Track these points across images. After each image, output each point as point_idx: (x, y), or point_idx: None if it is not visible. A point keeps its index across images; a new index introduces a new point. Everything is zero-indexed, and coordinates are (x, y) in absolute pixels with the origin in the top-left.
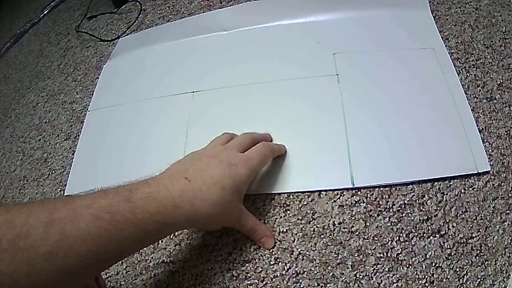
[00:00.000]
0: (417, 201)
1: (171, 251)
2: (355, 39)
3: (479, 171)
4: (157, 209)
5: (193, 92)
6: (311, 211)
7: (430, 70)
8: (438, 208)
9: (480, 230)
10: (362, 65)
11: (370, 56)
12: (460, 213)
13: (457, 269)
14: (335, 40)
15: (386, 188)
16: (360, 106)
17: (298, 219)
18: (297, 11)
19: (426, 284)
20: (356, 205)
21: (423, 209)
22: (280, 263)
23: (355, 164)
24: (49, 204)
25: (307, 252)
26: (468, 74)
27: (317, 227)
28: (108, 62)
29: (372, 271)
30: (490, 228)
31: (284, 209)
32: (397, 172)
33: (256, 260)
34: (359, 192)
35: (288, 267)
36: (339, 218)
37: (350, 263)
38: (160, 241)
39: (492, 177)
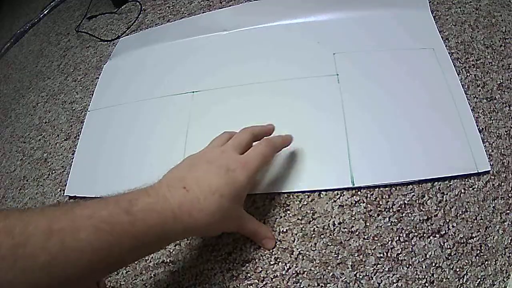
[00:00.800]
0: (417, 201)
1: (171, 251)
2: (355, 39)
3: (479, 171)
4: (156, 221)
5: (193, 92)
6: (311, 211)
7: (430, 70)
8: (438, 208)
9: (480, 230)
10: (362, 65)
11: (370, 56)
12: (460, 213)
13: (457, 269)
14: (335, 40)
15: (386, 188)
16: (360, 106)
17: (298, 219)
18: (297, 11)
19: (426, 284)
20: (356, 205)
21: (423, 209)
22: (280, 263)
23: (355, 164)
24: (48, 212)
25: (307, 252)
26: (468, 74)
27: (317, 227)
28: (108, 62)
29: (372, 271)
30: (490, 228)
31: (284, 209)
32: (397, 172)
33: (256, 260)
34: (359, 192)
35: (288, 267)
36: (339, 218)
37: (350, 263)
38: None
39: (492, 177)
